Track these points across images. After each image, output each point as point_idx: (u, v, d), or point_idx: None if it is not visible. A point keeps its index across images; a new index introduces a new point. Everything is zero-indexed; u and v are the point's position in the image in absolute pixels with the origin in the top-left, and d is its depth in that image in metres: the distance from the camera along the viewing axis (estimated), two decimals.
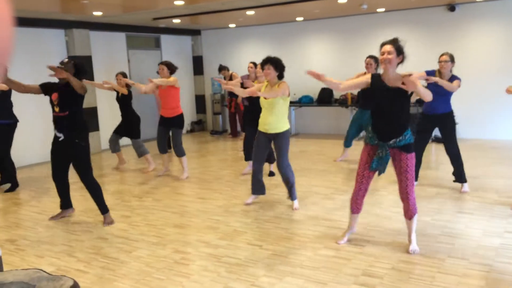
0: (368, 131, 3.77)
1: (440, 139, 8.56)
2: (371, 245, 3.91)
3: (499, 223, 4.30)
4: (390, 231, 4.21)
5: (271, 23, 10.73)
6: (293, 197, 5.04)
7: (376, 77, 3.68)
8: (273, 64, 4.80)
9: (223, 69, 9.78)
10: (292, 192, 5.02)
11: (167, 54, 11.05)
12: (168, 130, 6.62)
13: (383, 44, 3.59)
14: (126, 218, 5.00)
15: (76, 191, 5.80)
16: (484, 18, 8.58)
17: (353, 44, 9.80)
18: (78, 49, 8.76)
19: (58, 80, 4.62)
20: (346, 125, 7.68)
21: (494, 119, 8.71)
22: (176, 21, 9.57)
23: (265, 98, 4.81)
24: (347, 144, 7.28)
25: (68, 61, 4.63)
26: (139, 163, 7.84)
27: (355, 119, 7.18)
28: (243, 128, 7.07)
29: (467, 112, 8.91)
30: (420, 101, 8.16)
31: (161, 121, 6.57)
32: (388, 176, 3.82)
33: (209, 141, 10.43)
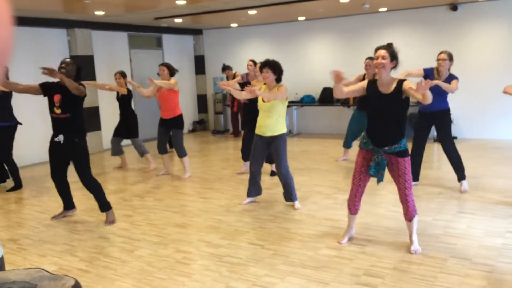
0: (363, 136, 3.80)
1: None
2: (372, 245, 3.91)
3: (501, 223, 4.30)
4: (391, 231, 4.20)
5: (273, 23, 10.73)
6: (294, 198, 5.04)
7: (371, 84, 3.71)
8: (271, 67, 4.79)
9: (227, 68, 9.77)
10: (292, 194, 5.02)
11: (169, 54, 11.05)
12: (168, 131, 6.63)
13: (377, 49, 3.63)
14: (128, 217, 5.01)
15: (77, 190, 5.80)
16: (486, 18, 8.56)
17: (355, 43, 9.79)
18: (80, 49, 8.77)
19: (58, 80, 4.61)
20: None
21: (496, 119, 8.69)
22: (178, 20, 9.57)
23: (263, 101, 4.81)
24: (347, 145, 7.28)
25: (71, 62, 4.61)
26: (141, 162, 7.85)
27: (353, 121, 7.17)
28: (243, 126, 7.07)
29: (468, 112, 8.90)
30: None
31: (161, 122, 6.60)
32: (388, 175, 3.81)
33: (211, 140, 10.43)
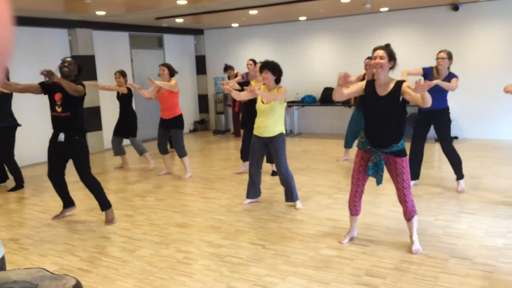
0: (361, 136, 3.81)
1: None
2: (374, 245, 3.91)
3: (502, 223, 4.29)
4: (392, 231, 4.20)
5: (274, 23, 10.73)
6: (295, 198, 5.03)
7: (370, 84, 3.72)
8: (270, 69, 4.80)
9: (229, 68, 9.74)
10: (293, 194, 5.02)
11: (170, 54, 11.05)
12: (168, 131, 6.64)
13: (375, 49, 3.64)
14: (129, 217, 5.01)
15: (79, 190, 5.81)
16: (487, 18, 8.55)
17: (356, 43, 9.78)
18: (81, 49, 8.78)
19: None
20: None
21: (498, 119, 8.68)
22: (179, 20, 9.57)
23: (262, 102, 4.82)
24: (348, 145, 7.27)
25: (73, 61, 4.61)
26: (142, 162, 7.85)
27: (352, 120, 7.17)
28: (242, 126, 7.06)
29: (469, 112, 8.89)
30: None
31: (161, 123, 6.62)
32: (387, 175, 3.81)
33: (212, 140, 10.43)
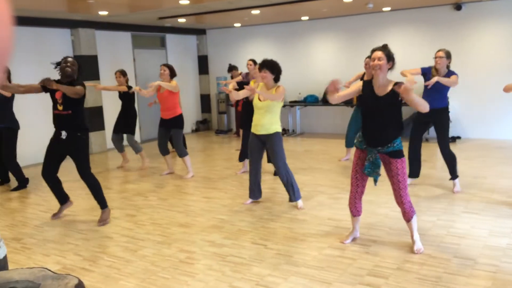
0: (359, 135, 3.81)
1: None
2: (376, 245, 3.90)
3: (505, 223, 4.28)
4: (395, 231, 4.19)
5: (276, 22, 10.72)
6: (297, 197, 5.02)
7: (367, 84, 3.71)
8: (269, 68, 4.80)
9: (233, 69, 9.69)
10: (295, 192, 5.00)
11: (172, 54, 11.06)
12: (169, 131, 6.64)
13: (373, 50, 3.64)
14: (132, 217, 5.01)
15: (80, 189, 5.81)
16: (490, 17, 8.52)
17: (359, 43, 9.77)
18: (84, 49, 8.79)
19: (59, 77, 4.63)
20: None
21: (500, 119, 8.66)
22: (182, 20, 9.58)
23: (259, 99, 4.81)
24: (349, 145, 7.26)
25: (75, 62, 4.61)
26: (139, 161, 7.84)
27: (352, 120, 7.16)
28: (241, 126, 7.05)
29: (472, 112, 8.87)
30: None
31: (161, 123, 6.63)
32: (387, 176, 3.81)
33: (214, 140, 10.43)
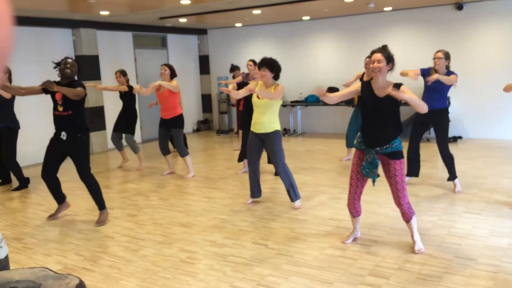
0: (358, 136, 3.81)
1: (448, 139, 8.53)
2: (377, 245, 3.90)
3: (506, 223, 4.27)
4: (396, 231, 4.19)
5: (278, 22, 10.72)
6: (296, 196, 5.01)
7: (366, 85, 3.69)
8: (268, 66, 4.79)
9: (235, 69, 9.66)
10: (295, 191, 4.99)
11: (174, 54, 11.06)
12: (169, 131, 6.65)
13: (373, 52, 3.61)
14: (133, 217, 5.02)
15: (81, 189, 5.81)
16: (492, 17, 8.51)
17: (360, 43, 9.76)
18: (85, 49, 8.80)
19: (59, 79, 4.63)
20: None
21: (502, 119, 8.65)
22: (183, 20, 9.58)
23: (258, 97, 4.81)
24: (349, 145, 7.25)
25: (75, 63, 4.60)
26: (144, 162, 7.86)
27: (352, 120, 7.16)
28: (241, 126, 7.05)
29: (473, 112, 8.86)
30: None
31: (161, 123, 6.63)
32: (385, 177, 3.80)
33: (215, 140, 10.44)
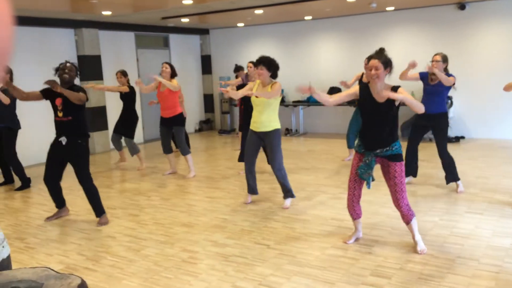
0: (358, 140, 3.80)
1: (450, 139, 8.52)
2: (379, 245, 3.89)
3: (509, 223, 4.26)
4: (398, 231, 4.18)
5: (280, 22, 10.72)
6: (291, 195, 5.03)
7: (364, 88, 3.66)
8: (265, 64, 4.77)
9: (240, 69, 9.61)
10: (289, 191, 5.00)
11: (176, 54, 11.07)
12: (170, 130, 6.65)
13: (369, 58, 3.56)
14: (135, 216, 5.02)
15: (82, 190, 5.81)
16: (494, 17, 8.50)
17: (362, 43, 9.75)
18: (88, 49, 8.82)
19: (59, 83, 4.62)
20: None
21: (504, 119, 8.63)
22: (185, 20, 9.59)
23: (256, 96, 4.80)
24: (350, 145, 7.25)
25: (73, 67, 4.58)
26: (136, 162, 7.85)
27: (353, 120, 7.16)
28: (240, 128, 7.06)
29: (476, 111, 8.84)
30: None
31: (162, 121, 6.64)
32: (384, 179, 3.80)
33: (217, 140, 10.44)
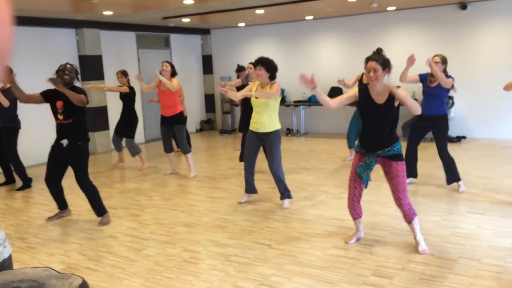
0: (358, 141, 3.80)
1: (452, 139, 8.51)
2: (380, 245, 3.89)
3: (511, 223, 4.25)
4: (399, 231, 4.18)
5: (281, 22, 10.71)
6: (289, 195, 5.03)
7: (363, 90, 3.65)
8: (264, 65, 4.76)
9: (242, 69, 9.59)
10: (286, 191, 5.01)
11: (177, 54, 11.07)
12: (171, 129, 6.65)
13: (367, 60, 3.54)
14: (136, 216, 5.02)
15: None
16: (496, 16, 8.48)
17: (363, 43, 9.74)
18: (89, 49, 8.82)
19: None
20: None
21: (506, 118, 8.61)
22: (186, 20, 9.59)
23: (256, 97, 4.80)
24: (350, 145, 7.24)
25: (73, 68, 4.58)
26: (138, 162, 7.86)
27: (353, 120, 7.15)
28: (240, 129, 7.06)
29: (477, 111, 8.83)
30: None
31: (163, 120, 6.64)
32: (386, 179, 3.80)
33: (218, 140, 10.44)
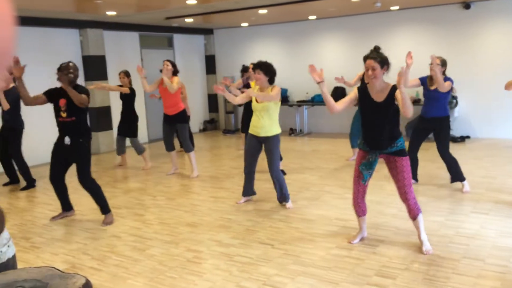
0: (361, 138, 3.79)
1: (456, 139, 8.49)
2: (384, 245, 3.88)
3: None
4: (403, 231, 4.17)
5: (284, 22, 10.71)
6: (287, 198, 5.05)
7: (362, 91, 3.65)
8: (262, 69, 4.76)
9: (247, 70, 9.57)
10: (284, 193, 5.02)
11: (180, 54, 11.08)
12: (173, 127, 6.65)
13: (365, 59, 3.54)
14: (140, 216, 5.03)
15: None
16: (499, 16, 8.45)
17: (366, 42, 9.70)
18: (92, 49, 8.84)
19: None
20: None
21: (509, 118, 8.58)
22: (189, 20, 9.60)
23: (257, 101, 4.80)
24: (353, 145, 7.23)
25: (76, 67, 4.57)
26: (141, 162, 7.87)
27: (355, 120, 7.14)
28: (242, 130, 7.07)
29: (481, 111, 8.80)
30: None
31: (165, 119, 6.64)
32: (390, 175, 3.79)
33: (222, 140, 10.45)
